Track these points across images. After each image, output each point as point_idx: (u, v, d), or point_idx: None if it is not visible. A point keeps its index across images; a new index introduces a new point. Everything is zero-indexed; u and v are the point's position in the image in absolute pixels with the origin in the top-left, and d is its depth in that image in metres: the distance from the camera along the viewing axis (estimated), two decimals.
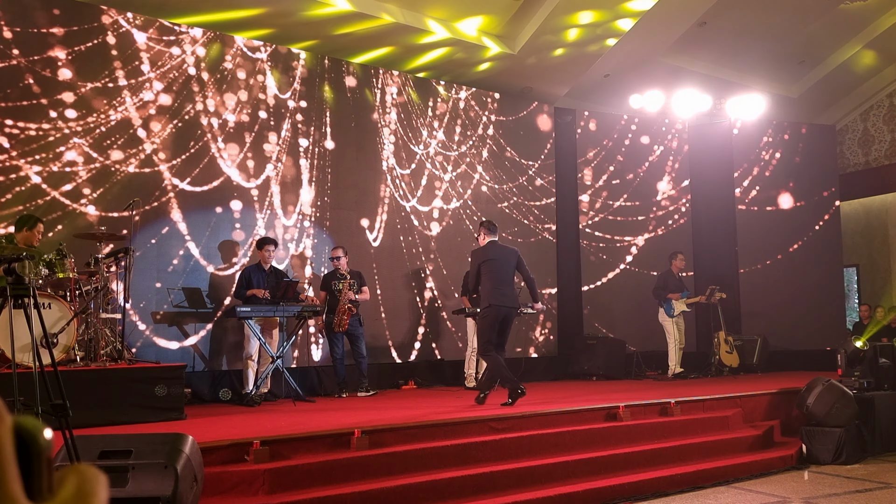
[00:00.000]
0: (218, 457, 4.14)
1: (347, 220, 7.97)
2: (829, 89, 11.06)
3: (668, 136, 10.28)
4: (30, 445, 0.36)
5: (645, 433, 5.69)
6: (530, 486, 4.65)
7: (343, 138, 8.02)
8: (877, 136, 11.58)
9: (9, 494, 0.33)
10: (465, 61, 8.62)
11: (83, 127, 6.47)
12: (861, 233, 11.58)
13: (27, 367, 4.10)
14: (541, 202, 9.46)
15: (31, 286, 3.34)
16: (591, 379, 8.74)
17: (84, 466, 0.38)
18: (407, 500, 4.26)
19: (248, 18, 7.34)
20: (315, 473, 4.25)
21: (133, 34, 6.79)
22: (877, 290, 11.24)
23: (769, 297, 9.99)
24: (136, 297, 6.41)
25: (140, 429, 4.68)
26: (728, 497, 4.93)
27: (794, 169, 10.44)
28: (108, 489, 0.38)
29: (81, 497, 0.36)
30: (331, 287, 7.13)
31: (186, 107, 7.03)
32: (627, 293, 9.70)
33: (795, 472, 5.74)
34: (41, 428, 0.37)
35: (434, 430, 4.96)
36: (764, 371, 9.22)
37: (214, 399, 6.77)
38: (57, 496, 0.36)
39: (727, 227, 10.23)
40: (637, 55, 9.17)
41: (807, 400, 6.14)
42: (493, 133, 9.15)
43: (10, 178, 6.10)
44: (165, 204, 6.84)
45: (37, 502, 0.35)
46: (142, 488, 3.25)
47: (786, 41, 9.73)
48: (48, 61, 6.34)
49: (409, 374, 8.16)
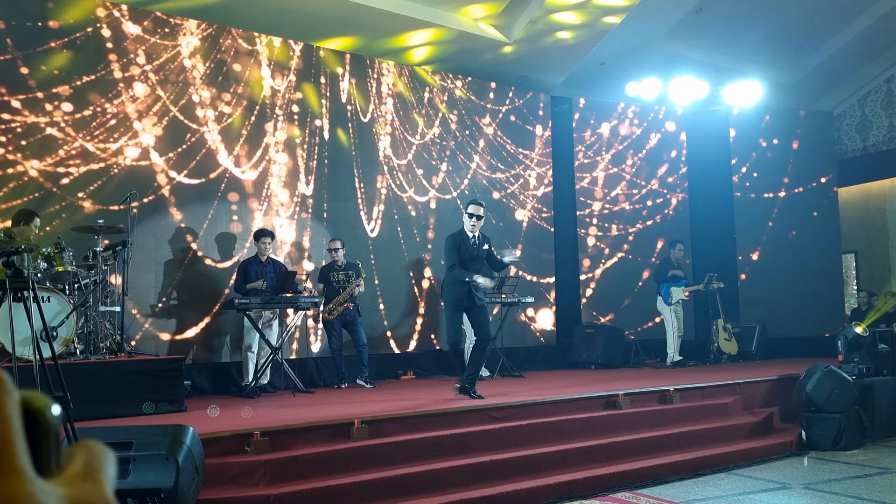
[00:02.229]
0: (219, 448, 4.16)
1: (345, 210, 7.96)
2: (827, 75, 11.03)
3: (664, 124, 10.26)
4: (37, 421, 0.36)
5: (644, 421, 5.71)
6: (530, 475, 4.67)
7: (339, 129, 8.00)
8: (875, 122, 11.57)
9: (17, 469, 0.33)
10: (461, 51, 8.59)
11: (79, 120, 6.45)
12: (859, 219, 11.59)
13: (28, 360, 4.11)
14: (538, 191, 9.45)
15: (30, 279, 3.34)
16: (590, 367, 8.76)
17: (92, 442, 0.38)
18: (407, 490, 4.28)
19: (244, 10, 7.29)
20: (315, 464, 4.27)
21: (127, 26, 6.75)
22: (875, 277, 11.26)
23: (767, 285, 10.01)
24: (135, 289, 6.41)
25: (141, 420, 4.69)
26: (728, 483, 4.96)
27: (792, 155, 10.43)
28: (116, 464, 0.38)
29: (90, 472, 0.36)
30: (329, 279, 7.13)
31: (182, 99, 7.00)
32: (625, 281, 9.71)
33: (795, 458, 5.77)
34: (49, 404, 0.37)
35: (433, 419, 4.98)
36: (762, 358, 9.25)
37: (214, 391, 6.78)
38: (65, 472, 0.36)
39: (725, 215, 10.23)
40: (633, 42, 9.14)
41: (806, 386, 6.16)
42: (489, 122, 9.13)
43: (6, 172, 6.08)
44: (162, 197, 6.83)
45: (45, 477, 0.35)
46: (143, 480, 3.26)
47: (783, 27, 9.69)
48: (43, 54, 6.31)
49: (408, 365, 8.18)
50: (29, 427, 0.35)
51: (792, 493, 4.67)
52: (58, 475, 0.36)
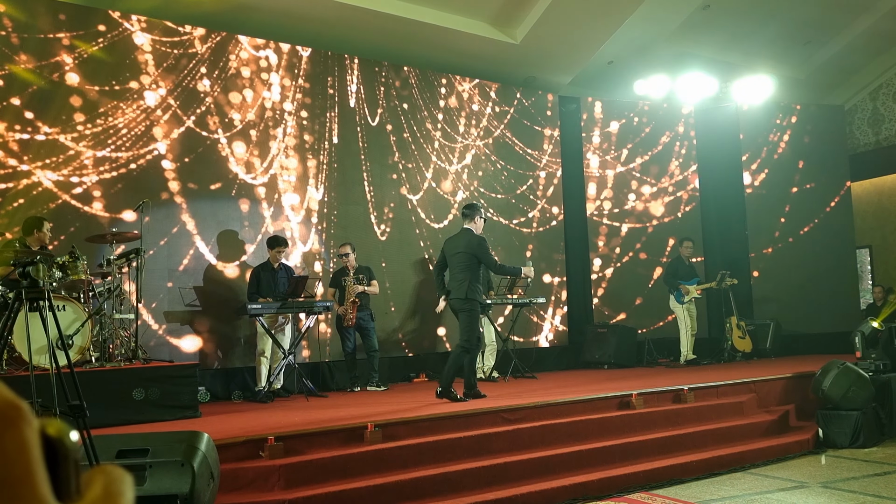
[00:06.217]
0: (233, 453, 4.18)
1: (355, 214, 7.98)
2: (837, 69, 10.93)
3: (674, 122, 10.22)
4: (56, 448, 0.37)
5: (659, 420, 5.68)
6: (544, 476, 4.66)
7: (348, 133, 8.02)
8: (887, 115, 11.46)
9: (39, 497, 0.34)
10: (468, 53, 8.59)
11: (91, 130, 6.51)
12: (873, 213, 11.47)
13: (44, 368, 4.15)
14: (547, 191, 9.43)
15: (45, 289, 3.37)
16: (603, 367, 8.73)
17: (110, 467, 0.39)
18: (421, 493, 4.29)
19: (252, 17, 7.34)
20: (329, 468, 4.28)
21: (138, 36, 6.81)
22: (890, 272, 11.14)
23: (781, 281, 9.93)
24: (149, 296, 6.46)
25: (156, 427, 4.73)
26: (745, 483, 4.92)
27: (804, 150, 10.34)
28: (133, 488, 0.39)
29: (109, 497, 0.37)
30: (340, 283, 7.16)
31: (192, 106, 7.05)
32: (637, 280, 9.67)
33: (812, 456, 5.72)
34: (67, 430, 0.38)
35: (447, 422, 4.98)
36: (777, 355, 9.17)
37: (228, 396, 6.82)
38: (85, 497, 0.37)
39: (737, 212, 10.17)
40: (641, 41, 9.10)
41: (822, 383, 6.10)
42: (497, 123, 9.12)
43: (21, 184, 6.14)
44: (175, 204, 6.88)
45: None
46: (159, 486, 3.28)
47: (791, 22, 9.62)
48: (55, 66, 6.37)
49: (420, 367, 8.19)
50: (48, 454, 0.36)
51: (810, 492, 4.63)
52: (78, 501, 0.36)
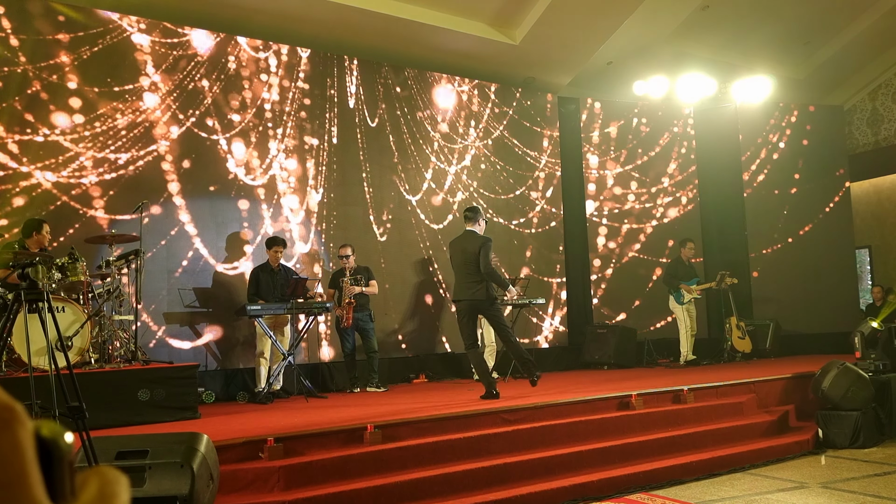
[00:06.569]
0: (233, 455, 4.18)
1: (354, 215, 7.98)
2: (836, 69, 10.94)
3: (673, 122, 10.22)
4: (51, 449, 0.37)
5: (658, 421, 5.68)
6: (545, 477, 4.65)
7: (347, 135, 8.02)
8: (886, 116, 11.46)
9: (33, 498, 0.34)
10: (467, 53, 8.59)
11: (90, 131, 6.51)
12: (872, 213, 11.48)
13: (43, 370, 4.14)
14: (547, 191, 9.44)
15: (44, 290, 3.37)
16: (603, 368, 8.73)
17: (105, 468, 0.38)
18: (421, 494, 4.28)
19: (252, 18, 7.34)
20: (329, 469, 4.28)
21: (137, 37, 6.81)
22: (890, 272, 11.14)
23: (780, 281, 9.93)
24: (148, 298, 6.45)
25: (156, 429, 4.72)
26: (745, 483, 4.92)
27: (803, 151, 10.35)
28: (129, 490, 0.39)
29: (104, 499, 0.37)
30: (339, 284, 7.16)
31: (192, 107, 7.05)
32: (637, 280, 9.67)
33: (812, 456, 5.71)
34: (62, 432, 0.37)
35: (446, 423, 4.97)
36: (777, 356, 9.17)
37: (227, 398, 6.82)
38: (79, 499, 0.37)
39: (736, 212, 10.17)
40: (640, 41, 9.10)
41: (822, 384, 6.10)
42: (496, 124, 9.12)
43: (20, 185, 6.14)
44: (173, 205, 6.88)
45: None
46: (159, 488, 3.28)
47: (790, 22, 9.63)
48: (55, 67, 6.37)
49: (419, 368, 8.18)
50: (42, 456, 0.36)
51: (810, 493, 4.62)
52: (72, 503, 0.36)
